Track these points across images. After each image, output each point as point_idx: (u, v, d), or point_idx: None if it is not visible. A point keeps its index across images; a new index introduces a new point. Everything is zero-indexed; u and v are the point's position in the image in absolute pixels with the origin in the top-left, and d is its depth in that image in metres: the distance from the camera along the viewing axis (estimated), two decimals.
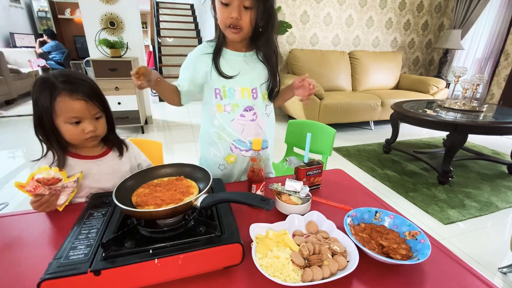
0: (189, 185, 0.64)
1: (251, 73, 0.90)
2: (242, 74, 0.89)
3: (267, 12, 0.79)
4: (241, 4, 0.76)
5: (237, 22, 0.78)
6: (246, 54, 0.90)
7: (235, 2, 0.75)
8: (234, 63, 0.89)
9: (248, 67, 0.90)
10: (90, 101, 0.70)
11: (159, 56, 5.24)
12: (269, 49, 0.88)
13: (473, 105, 2.39)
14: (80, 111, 0.69)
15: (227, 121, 0.92)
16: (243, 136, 0.94)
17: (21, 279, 0.51)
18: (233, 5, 0.76)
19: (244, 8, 0.76)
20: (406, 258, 0.56)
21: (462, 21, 4.10)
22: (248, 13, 0.77)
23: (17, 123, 3.49)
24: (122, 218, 0.58)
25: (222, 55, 0.89)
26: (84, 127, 0.71)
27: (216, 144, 0.96)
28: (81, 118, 0.70)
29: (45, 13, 6.07)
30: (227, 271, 0.54)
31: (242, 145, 0.95)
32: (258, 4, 0.76)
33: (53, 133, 0.71)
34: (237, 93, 0.90)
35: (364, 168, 2.44)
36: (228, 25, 0.79)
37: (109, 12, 2.96)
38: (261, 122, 0.95)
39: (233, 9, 0.76)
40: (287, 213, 0.71)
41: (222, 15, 0.79)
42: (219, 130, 0.94)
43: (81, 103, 0.69)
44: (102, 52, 2.89)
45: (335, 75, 3.71)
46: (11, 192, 1.91)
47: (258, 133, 0.96)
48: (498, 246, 1.53)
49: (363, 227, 0.66)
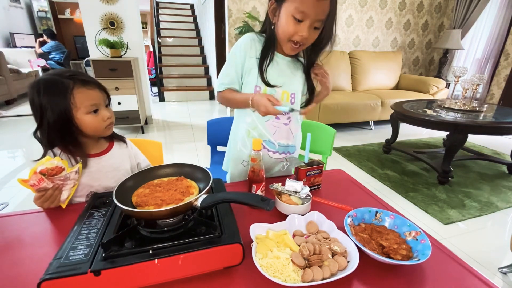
0: (189, 185, 0.64)
1: (293, 78, 0.90)
2: (285, 78, 0.88)
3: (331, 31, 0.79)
4: (313, 24, 0.74)
5: (304, 41, 0.77)
6: (292, 60, 0.90)
7: (308, 22, 0.73)
8: (281, 67, 0.88)
9: (291, 72, 0.89)
10: (99, 87, 0.75)
11: (159, 56, 5.24)
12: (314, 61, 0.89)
13: (473, 105, 2.39)
14: (97, 98, 0.73)
15: (261, 120, 0.91)
16: (274, 138, 0.94)
17: (21, 279, 0.51)
18: (305, 24, 0.73)
19: (314, 28, 0.76)
20: (407, 258, 0.56)
21: (462, 21, 4.10)
22: (316, 33, 0.77)
23: (17, 123, 3.49)
24: (122, 218, 0.58)
25: (271, 59, 0.86)
26: (103, 114, 0.75)
27: (244, 140, 0.96)
28: (98, 105, 0.74)
29: (45, 13, 6.07)
30: (227, 271, 0.54)
31: (271, 146, 0.95)
32: (327, 25, 0.76)
33: (69, 132, 0.72)
34: (277, 95, 0.88)
35: (364, 168, 2.44)
36: (293, 40, 0.77)
37: (109, 12, 2.96)
38: (294, 127, 0.96)
39: (304, 27, 0.74)
40: (287, 213, 0.70)
41: (290, 29, 0.75)
42: (251, 128, 0.93)
43: (95, 91, 0.73)
44: (102, 52, 2.89)
45: (335, 75, 3.71)
46: (11, 192, 1.91)
47: (289, 138, 0.96)
48: (498, 246, 1.53)
49: (363, 227, 0.66)
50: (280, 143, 0.95)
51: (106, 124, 0.76)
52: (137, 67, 3.13)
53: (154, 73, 5.14)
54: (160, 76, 4.97)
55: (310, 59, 0.89)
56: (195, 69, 5.49)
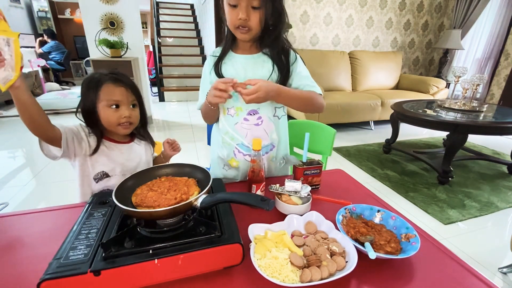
0: (189, 185, 0.64)
1: (257, 74, 0.87)
2: (248, 76, 0.85)
3: (276, 10, 0.78)
4: (249, 4, 0.75)
5: (245, 23, 0.77)
6: (254, 56, 0.87)
7: (243, 3, 0.74)
8: (239, 65, 0.87)
9: (254, 68, 0.87)
10: (129, 88, 0.80)
11: (159, 56, 5.24)
12: (278, 48, 0.86)
13: (473, 105, 2.39)
14: (120, 95, 0.78)
15: (230, 124, 0.91)
16: (248, 141, 0.91)
17: (21, 279, 0.51)
18: (241, 6, 0.75)
19: (252, 8, 0.75)
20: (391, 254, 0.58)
21: (462, 21, 4.10)
22: (257, 13, 0.76)
23: (17, 123, 3.49)
24: (122, 218, 0.58)
25: (228, 58, 0.88)
26: (122, 112, 0.79)
27: (221, 146, 0.96)
28: (120, 102, 0.79)
29: (45, 13, 6.08)
30: (227, 271, 0.54)
31: (246, 149, 0.92)
32: (267, 3, 0.75)
33: (92, 119, 0.80)
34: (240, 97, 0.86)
35: (364, 168, 2.44)
36: (237, 26, 0.78)
37: (109, 12, 2.96)
38: (268, 127, 0.92)
39: (241, 9, 0.75)
40: (287, 213, 0.71)
41: (230, 16, 0.78)
42: (223, 133, 0.93)
43: (121, 89, 0.79)
44: (102, 52, 2.89)
45: (335, 75, 3.71)
46: (11, 192, 1.91)
47: (264, 139, 0.92)
48: (498, 246, 1.53)
49: (354, 221, 0.67)
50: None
51: (122, 121, 0.79)
52: (137, 67, 3.13)
53: (154, 73, 5.14)
54: (160, 76, 4.97)
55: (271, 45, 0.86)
56: (195, 69, 5.48)
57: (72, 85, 6.02)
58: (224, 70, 0.88)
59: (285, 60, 0.87)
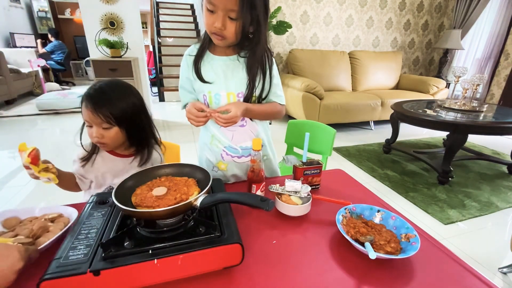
0: (189, 185, 0.64)
1: (236, 77, 0.85)
2: (227, 78, 0.85)
3: (255, 20, 0.75)
4: (226, 14, 0.72)
5: (221, 32, 0.74)
6: (231, 58, 0.85)
7: (220, 12, 0.71)
8: (218, 67, 0.85)
9: (233, 71, 0.85)
10: (96, 113, 0.76)
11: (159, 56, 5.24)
12: (253, 58, 0.83)
13: (473, 105, 2.39)
14: (88, 117, 0.78)
15: (216, 127, 0.91)
16: (234, 143, 0.92)
17: (21, 279, 0.51)
18: (218, 14, 0.72)
19: (229, 18, 0.73)
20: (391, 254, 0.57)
21: (462, 21, 4.10)
22: (234, 24, 0.73)
23: (17, 123, 3.49)
24: (121, 218, 0.58)
25: (204, 59, 0.86)
26: (91, 132, 0.80)
27: (208, 149, 0.96)
28: (90, 123, 0.79)
29: (45, 13, 6.08)
30: (227, 271, 0.54)
31: (234, 151, 0.93)
32: (244, 15, 0.71)
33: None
34: (222, 99, 0.86)
35: (364, 168, 2.44)
36: (212, 32, 0.76)
37: (109, 12, 2.96)
38: (253, 127, 0.93)
39: (217, 18, 0.72)
40: (287, 213, 0.70)
41: (207, 21, 0.75)
42: (210, 137, 0.94)
43: (88, 112, 0.77)
44: (102, 52, 2.89)
45: (335, 75, 3.71)
46: (11, 192, 1.91)
47: (251, 138, 0.93)
48: (498, 246, 1.53)
49: (355, 221, 0.67)
50: (242, 146, 0.93)
51: (94, 140, 0.81)
52: (137, 67, 3.13)
53: (154, 73, 5.14)
54: (160, 76, 4.97)
55: (250, 51, 0.83)
56: None
57: (72, 85, 6.02)
58: (203, 72, 0.86)
59: (261, 67, 0.85)
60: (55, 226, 0.63)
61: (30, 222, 0.64)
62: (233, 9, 0.71)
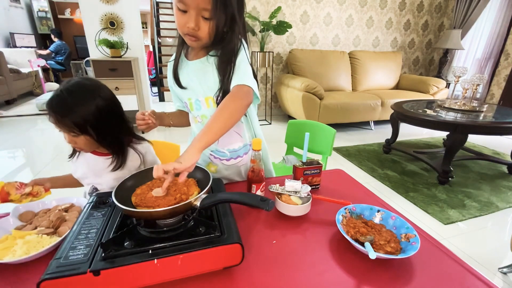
0: (189, 185, 0.64)
1: (209, 80, 0.81)
2: (201, 83, 0.82)
3: (229, 18, 0.71)
4: (199, 14, 0.68)
5: (194, 32, 0.70)
6: (201, 60, 0.81)
7: (192, 12, 0.67)
8: (191, 72, 0.83)
9: (204, 74, 0.81)
10: (58, 123, 0.74)
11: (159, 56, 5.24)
12: (223, 57, 0.77)
13: (473, 105, 2.39)
14: (56, 125, 0.75)
15: (200, 129, 0.90)
16: (221, 146, 0.91)
17: (21, 279, 0.51)
18: (190, 14, 0.68)
19: (203, 18, 0.69)
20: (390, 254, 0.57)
21: (462, 21, 4.10)
22: (207, 23, 0.70)
23: (17, 123, 3.49)
24: (121, 218, 0.58)
25: (183, 65, 0.84)
26: (64, 136, 0.79)
27: None
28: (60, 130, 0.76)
29: (45, 13, 6.07)
30: (227, 271, 0.54)
31: (221, 154, 0.92)
32: (218, 14, 0.68)
33: None
34: (202, 104, 0.84)
35: (364, 168, 2.44)
36: (185, 33, 0.72)
37: (109, 12, 2.96)
38: (238, 128, 0.90)
39: (190, 18, 0.68)
40: (287, 213, 0.70)
41: (179, 21, 0.70)
42: None
43: (52, 122, 0.75)
44: (102, 52, 2.89)
45: (335, 75, 3.71)
46: None
47: (238, 140, 0.90)
48: (498, 246, 1.53)
49: (354, 221, 0.67)
50: (230, 149, 0.91)
51: (70, 145, 0.80)
52: (137, 67, 3.13)
53: (154, 73, 5.14)
54: (160, 76, 4.97)
55: (221, 48, 0.78)
56: None
57: None
58: (181, 79, 0.85)
59: (234, 63, 0.78)
60: (70, 215, 0.68)
61: (45, 214, 0.68)
62: (206, 8, 0.67)
